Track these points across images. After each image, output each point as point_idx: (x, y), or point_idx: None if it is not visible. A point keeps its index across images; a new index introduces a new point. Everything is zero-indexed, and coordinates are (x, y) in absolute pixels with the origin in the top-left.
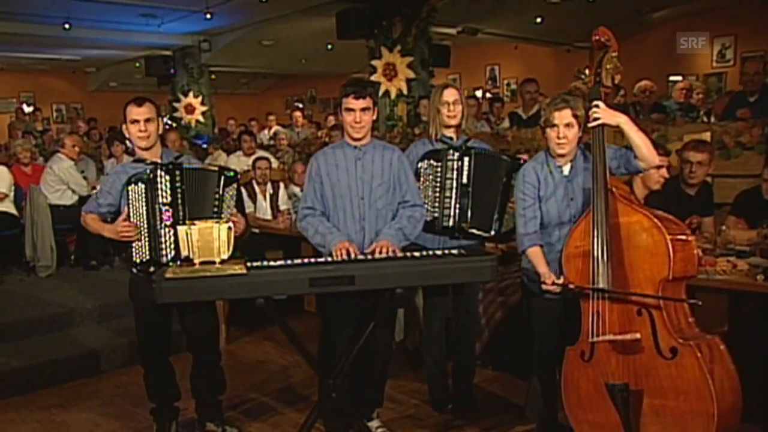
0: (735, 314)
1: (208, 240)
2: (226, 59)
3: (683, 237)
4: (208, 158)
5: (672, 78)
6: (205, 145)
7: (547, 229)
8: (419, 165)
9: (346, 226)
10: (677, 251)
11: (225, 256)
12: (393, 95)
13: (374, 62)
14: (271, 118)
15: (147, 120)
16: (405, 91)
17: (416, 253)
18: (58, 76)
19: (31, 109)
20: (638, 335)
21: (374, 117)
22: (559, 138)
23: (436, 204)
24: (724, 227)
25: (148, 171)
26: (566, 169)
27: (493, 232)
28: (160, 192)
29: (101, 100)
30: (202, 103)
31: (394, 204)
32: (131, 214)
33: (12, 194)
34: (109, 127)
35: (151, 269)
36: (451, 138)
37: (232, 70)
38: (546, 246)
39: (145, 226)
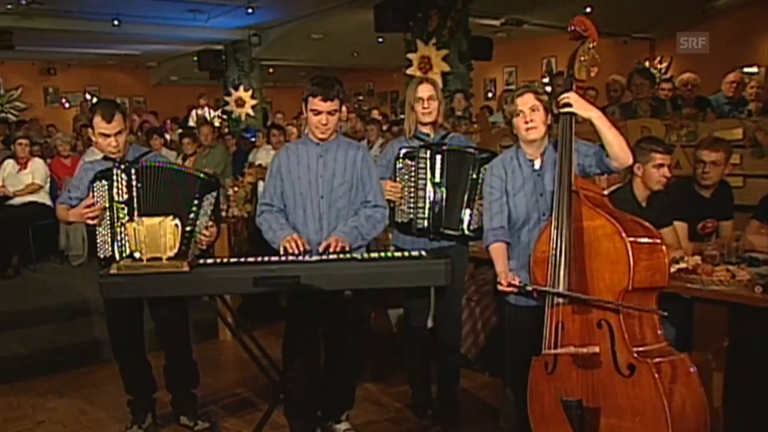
0: (735, 328)
1: (156, 236)
2: (276, 53)
3: (650, 244)
4: (252, 151)
5: (747, 69)
6: (253, 138)
7: (515, 227)
8: (397, 165)
9: (306, 224)
10: (640, 260)
11: (172, 253)
12: None
13: (410, 55)
14: None
15: (117, 133)
16: (440, 85)
17: (374, 254)
18: (122, 70)
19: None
20: (597, 349)
21: (342, 117)
22: (526, 123)
23: (412, 205)
24: (739, 233)
25: (111, 168)
26: (537, 163)
27: (464, 231)
28: (116, 190)
29: (163, 93)
30: (253, 97)
31: (357, 204)
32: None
33: (47, 186)
34: (172, 118)
35: None
36: (427, 135)
37: (286, 64)
38: (514, 250)
39: (108, 222)
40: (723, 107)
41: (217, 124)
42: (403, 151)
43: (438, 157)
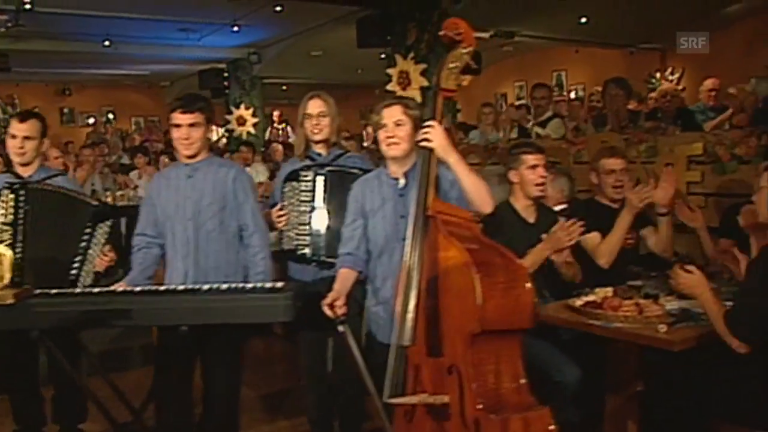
0: (646, 370)
1: None
2: (277, 71)
3: (508, 279)
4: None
5: None
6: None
7: (374, 255)
8: (283, 188)
9: (175, 249)
10: (491, 297)
11: (1, 284)
12: None
13: (389, 71)
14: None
15: (25, 138)
16: (419, 100)
17: (223, 286)
18: (137, 90)
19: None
20: (447, 399)
21: (208, 133)
22: (389, 137)
23: (296, 231)
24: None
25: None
26: (401, 182)
27: None
28: (3, 210)
29: None
30: (254, 115)
31: (233, 227)
32: None
33: None
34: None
35: None
36: (319, 154)
37: (289, 81)
38: (375, 281)
39: None
40: (707, 113)
41: (224, 142)
42: (289, 172)
43: (320, 179)
